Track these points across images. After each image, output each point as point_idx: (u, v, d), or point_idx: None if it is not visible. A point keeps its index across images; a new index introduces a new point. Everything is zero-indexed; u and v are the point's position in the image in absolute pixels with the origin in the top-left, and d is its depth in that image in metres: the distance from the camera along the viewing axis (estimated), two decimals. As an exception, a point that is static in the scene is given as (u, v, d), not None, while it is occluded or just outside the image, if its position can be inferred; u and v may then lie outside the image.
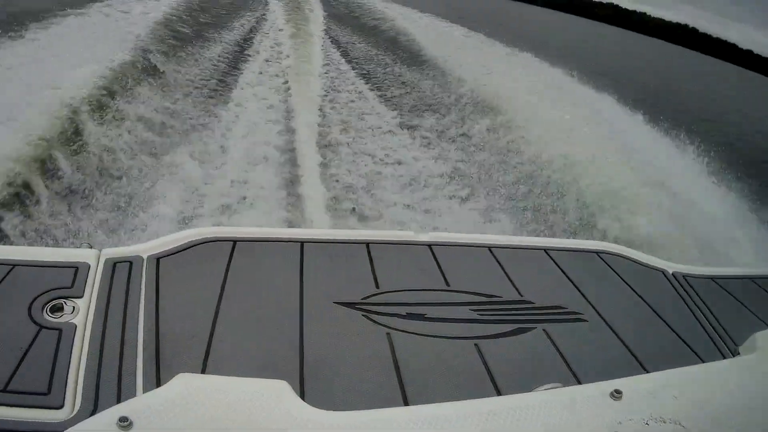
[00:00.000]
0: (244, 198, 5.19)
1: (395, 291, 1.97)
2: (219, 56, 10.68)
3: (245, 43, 12.55)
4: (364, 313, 1.85)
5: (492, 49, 14.83)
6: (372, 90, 10.19)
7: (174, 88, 8.05)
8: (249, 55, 11.38)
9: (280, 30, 14.70)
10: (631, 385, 1.22)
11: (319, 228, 4.58)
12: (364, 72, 11.68)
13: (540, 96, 8.96)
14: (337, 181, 5.86)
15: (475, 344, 1.78)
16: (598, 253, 2.46)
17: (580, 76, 11.65)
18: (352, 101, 9.27)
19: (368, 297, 1.92)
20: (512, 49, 14.37)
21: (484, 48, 14.78)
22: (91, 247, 1.94)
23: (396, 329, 1.79)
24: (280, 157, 6.21)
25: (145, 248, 1.96)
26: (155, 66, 8.50)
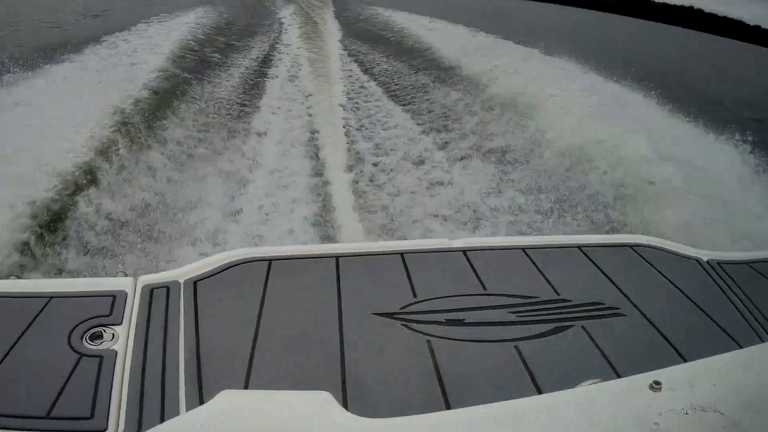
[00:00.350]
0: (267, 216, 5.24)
1: (433, 299, 1.99)
2: (237, 83, 10.57)
3: (263, 67, 12.36)
4: (403, 323, 1.87)
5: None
6: (400, 106, 9.82)
7: (195, 115, 8.02)
8: (267, 78, 11.25)
9: (297, 49, 14.52)
10: (670, 375, 1.23)
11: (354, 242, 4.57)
12: (391, 91, 10.93)
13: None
14: (369, 213, 5.61)
15: (515, 346, 1.80)
16: (631, 246, 2.47)
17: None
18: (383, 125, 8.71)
19: (406, 306, 1.94)
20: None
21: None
22: (126, 275, 1.98)
23: (436, 336, 1.81)
24: (309, 183, 6.09)
25: (181, 273, 1.99)
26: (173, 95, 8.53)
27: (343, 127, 8.18)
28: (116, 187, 5.25)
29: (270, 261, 2.10)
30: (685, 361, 1.78)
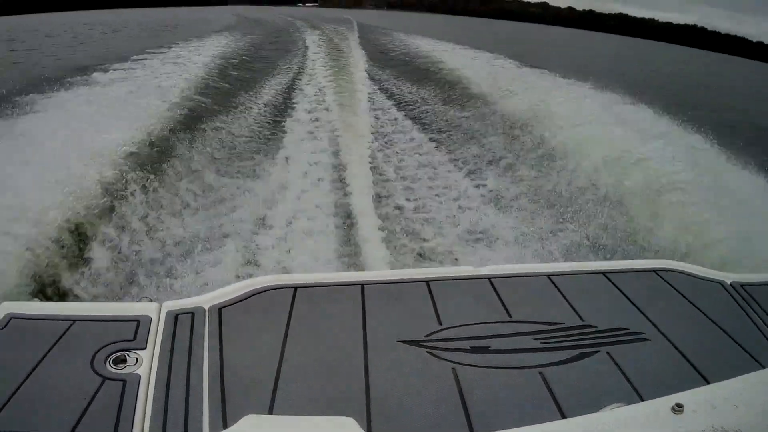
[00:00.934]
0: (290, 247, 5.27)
1: (458, 326, 2.02)
2: (260, 113, 10.70)
3: (288, 97, 12.39)
4: (429, 350, 1.89)
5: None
6: (426, 135, 9.83)
7: (219, 145, 8.12)
8: (293, 108, 11.27)
9: (323, 78, 14.58)
10: (692, 397, 1.25)
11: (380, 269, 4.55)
12: (419, 120, 10.98)
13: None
14: (396, 247, 5.56)
15: (540, 372, 1.83)
16: (655, 271, 2.49)
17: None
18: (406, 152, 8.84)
19: (431, 334, 1.97)
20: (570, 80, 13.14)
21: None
22: (151, 301, 2.00)
23: (461, 363, 1.84)
24: (334, 214, 6.11)
25: (206, 299, 2.01)
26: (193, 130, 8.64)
27: (370, 161, 8.09)
28: (138, 218, 5.38)
29: (295, 288, 2.12)
30: (708, 383, 1.78)
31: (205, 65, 13.59)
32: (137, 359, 1.70)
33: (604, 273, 2.45)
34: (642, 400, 1.71)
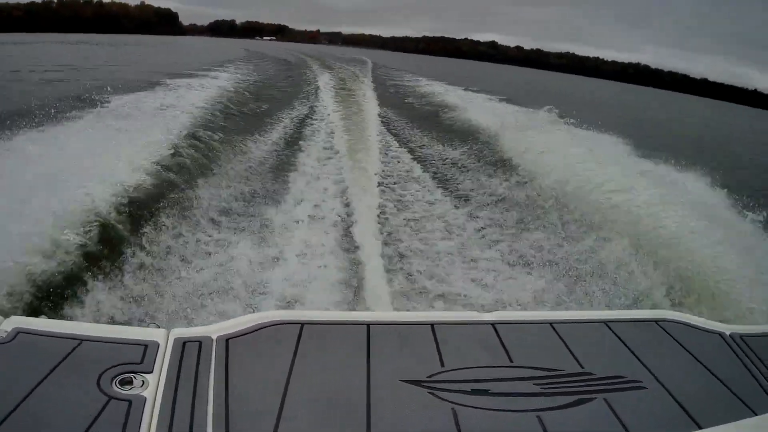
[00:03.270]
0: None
1: (460, 369, 2.02)
2: (270, 154, 10.19)
3: (296, 140, 11.81)
4: (430, 390, 1.89)
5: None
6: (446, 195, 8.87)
7: (227, 184, 7.79)
8: (300, 153, 10.62)
9: (333, 123, 13.84)
10: None
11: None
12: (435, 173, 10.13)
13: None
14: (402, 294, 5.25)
15: (538, 416, 1.83)
16: (656, 321, 2.53)
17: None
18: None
19: (433, 375, 1.97)
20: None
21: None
22: (158, 327, 1.98)
23: (461, 404, 1.84)
24: (341, 261, 5.77)
25: (214, 329, 1.99)
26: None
27: (378, 209, 7.63)
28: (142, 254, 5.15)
29: (302, 324, 2.11)
30: (701, 429, 1.83)
31: (212, 100, 13.19)
32: (143, 381, 1.69)
33: (605, 322, 2.48)
34: None
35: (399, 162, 10.64)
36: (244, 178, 8.28)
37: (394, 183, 9.08)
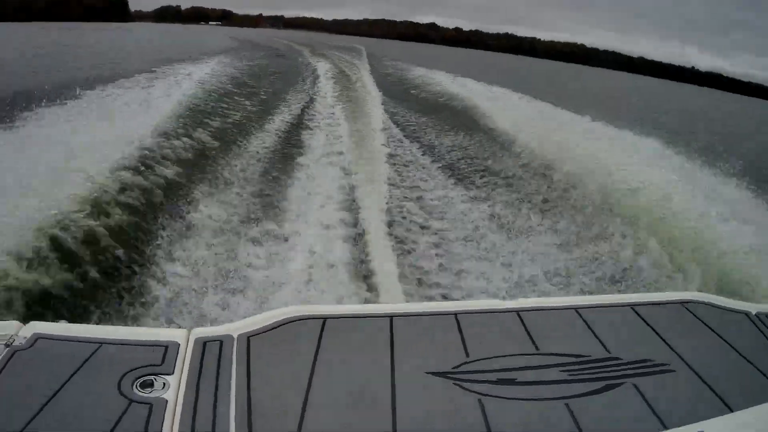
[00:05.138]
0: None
1: (485, 358, 2.02)
2: (268, 147, 9.91)
3: (296, 134, 11.47)
4: (456, 382, 1.89)
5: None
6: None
7: (230, 184, 7.60)
8: (302, 150, 10.25)
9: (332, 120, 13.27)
10: (715, 426, 1.31)
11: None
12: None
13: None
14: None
15: (566, 404, 1.84)
16: (682, 303, 2.56)
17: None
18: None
19: (459, 366, 1.96)
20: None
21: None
22: (179, 327, 1.92)
23: (487, 395, 1.84)
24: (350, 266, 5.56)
25: (235, 327, 1.97)
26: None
27: (386, 220, 7.10)
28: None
29: (324, 319, 2.09)
30: (732, 411, 1.83)
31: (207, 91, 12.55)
32: (164, 384, 1.69)
33: (630, 305, 2.50)
34: (667, 429, 1.78)
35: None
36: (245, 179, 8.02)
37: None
